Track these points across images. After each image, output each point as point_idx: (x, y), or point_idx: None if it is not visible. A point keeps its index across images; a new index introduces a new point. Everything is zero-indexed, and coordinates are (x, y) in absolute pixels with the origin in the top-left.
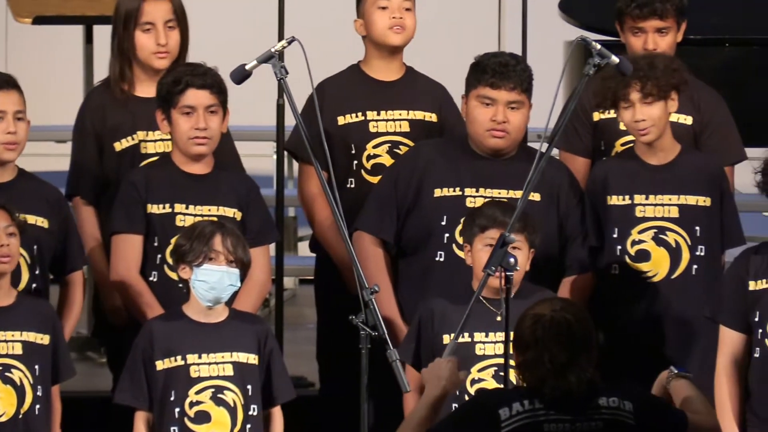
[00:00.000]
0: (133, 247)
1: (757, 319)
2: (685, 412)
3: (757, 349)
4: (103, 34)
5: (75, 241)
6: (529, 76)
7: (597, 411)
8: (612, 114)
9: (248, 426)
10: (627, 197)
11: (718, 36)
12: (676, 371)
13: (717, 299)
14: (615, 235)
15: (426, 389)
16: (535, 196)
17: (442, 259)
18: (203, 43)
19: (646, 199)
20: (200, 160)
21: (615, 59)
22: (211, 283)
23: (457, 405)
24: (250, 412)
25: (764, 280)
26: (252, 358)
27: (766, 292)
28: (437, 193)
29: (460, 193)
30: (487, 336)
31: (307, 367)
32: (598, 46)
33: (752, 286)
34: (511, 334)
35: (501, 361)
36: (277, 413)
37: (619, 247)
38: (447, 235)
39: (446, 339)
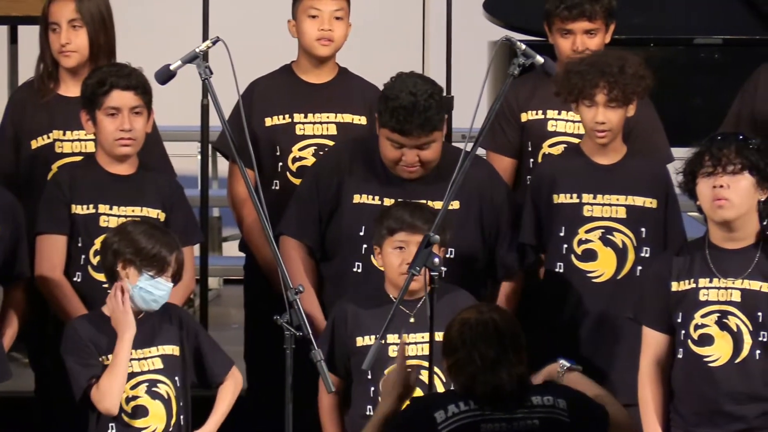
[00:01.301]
0: (57, 247)
1: (680, 320)
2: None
3: (681, 349)
4: (27, 34)
5: (24, 247)
6: (439, 111)
7: (532, 409)
8: (540, 115)
9: (182, 416)
10: (575, 196)
11: (643, 36)
12: (567, 365)
13: (639, 300)
14: (562, 234)
15: (381, 404)
16: (455, 204)
17: (359, 270)
18: (128, 43)
19: (594, 198)
20: (125, 160)
21: (540, 59)
22: (157, 296)
23: None
24: (182, 403)
25: (687, 281)
26: (176, 350)
27: (688, 293)
28: (356, 199)
29: (380, 202)
30: (399, 337)
31: None
32: (523, 46)
33: (675, 287)
34: (438, 335)
35: (415, 362)
36: (224, 391)
37: (565, 246)
38: (365, 246)
39: (359, 341)
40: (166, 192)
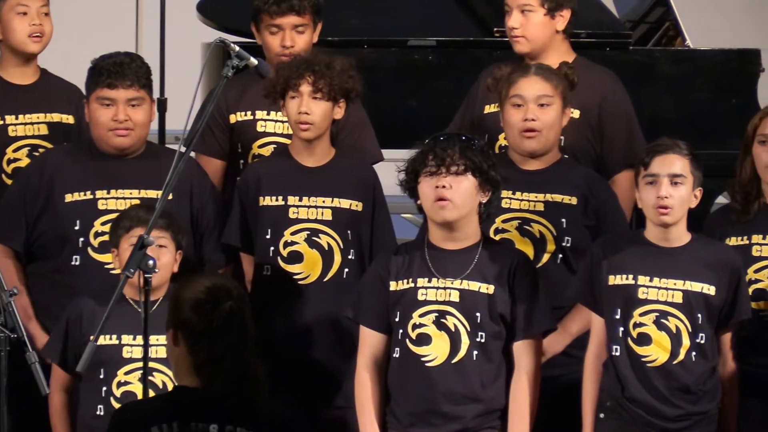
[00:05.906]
0: None
1: (398, 320)
2: None
3: (397, 349)
4: None
5: None
6: (147, 71)
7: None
8: (249, 116)
9: None
10: (280, 198)
11: (356, 38)
12: None
13: (357, 299)
14: (268, 236)
15: None
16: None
17: (77, 263)
18: None
19: (300, 200)
20: None
21: (254, 61)
22: None
23: None
24: None
25: (405, 281)
26: None
27: (407, 293)
28: (68, 198)
29: (92, 196)
30: (134, 338)
31: None
32: (237, 48)
33: (393, 286)
34: (158, 338)
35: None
36: None
37: (272, 248)
38: (82, 239)
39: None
40: None
